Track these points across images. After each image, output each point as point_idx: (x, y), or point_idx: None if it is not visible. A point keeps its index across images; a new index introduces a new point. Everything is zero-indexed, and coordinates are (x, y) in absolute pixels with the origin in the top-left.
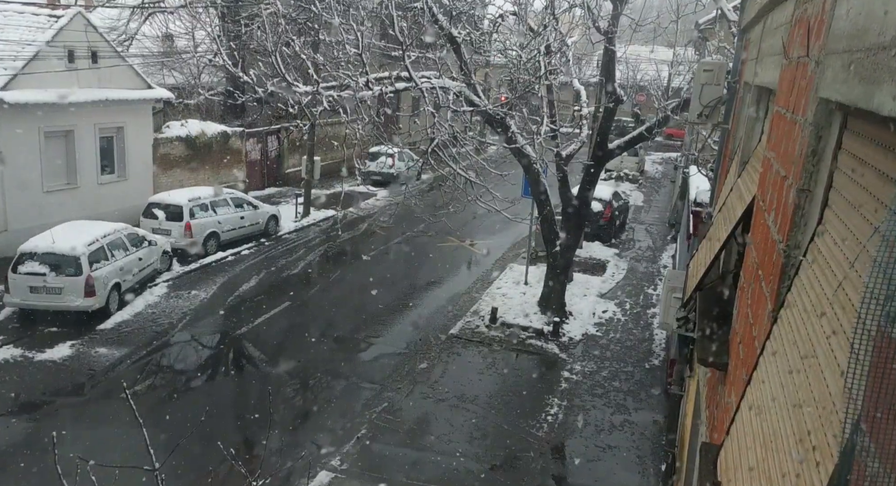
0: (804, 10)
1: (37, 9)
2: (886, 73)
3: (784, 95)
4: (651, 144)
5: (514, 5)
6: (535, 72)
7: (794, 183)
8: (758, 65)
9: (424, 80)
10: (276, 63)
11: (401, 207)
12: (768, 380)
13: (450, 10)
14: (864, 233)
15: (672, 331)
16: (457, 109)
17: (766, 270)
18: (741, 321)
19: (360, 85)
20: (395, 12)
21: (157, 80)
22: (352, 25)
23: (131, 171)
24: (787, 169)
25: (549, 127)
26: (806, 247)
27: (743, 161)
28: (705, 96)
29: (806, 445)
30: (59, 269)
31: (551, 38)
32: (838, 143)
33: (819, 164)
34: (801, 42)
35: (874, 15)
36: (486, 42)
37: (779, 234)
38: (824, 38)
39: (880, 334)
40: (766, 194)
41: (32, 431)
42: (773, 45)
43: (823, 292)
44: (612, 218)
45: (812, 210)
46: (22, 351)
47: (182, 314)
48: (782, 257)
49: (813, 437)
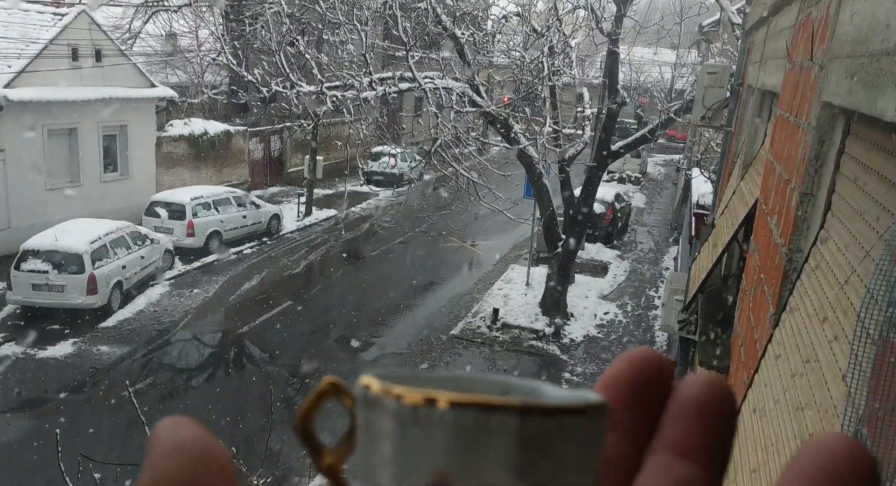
0: (808, 15)
1: (41, 6)
2: (889, 79)
3: (787, 98)
4: (654, 146)
5: (518, 6)
6: (539, 73)
7: (796, 187)
8: (761, 68)
9: (428, 80)
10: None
11: (403, 207)
12: (770, 383)
13: (453, 10)
14: (866, 237)
15: (673, 333)
16: (460, 110)
17: (768, 273)
18: (743, 324)
19: (364, 85)
20: (399, 13)
21: (160, 78)
22: (355, 25)
23: (134, 169)
24: (789, 173)
25: (552, 128)
26: (808, 251)
27: (746, 164)
28: (708, 99)
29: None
30: (62, 266)
31: (555, 39)
32: (841, 147)
33: (822, 168)
34: (804, 46)
35: (878, 21)
36: (489, 43)
37: (781, 237)
38: (828, 42)
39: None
40: (768, 198)
41: (34, 428)
42: (776, 48)
43: (826, 296)
44: (614, 220)
45: (815, 214)
46: (24, 348)
47: (184, 313)
48: (784, 260)
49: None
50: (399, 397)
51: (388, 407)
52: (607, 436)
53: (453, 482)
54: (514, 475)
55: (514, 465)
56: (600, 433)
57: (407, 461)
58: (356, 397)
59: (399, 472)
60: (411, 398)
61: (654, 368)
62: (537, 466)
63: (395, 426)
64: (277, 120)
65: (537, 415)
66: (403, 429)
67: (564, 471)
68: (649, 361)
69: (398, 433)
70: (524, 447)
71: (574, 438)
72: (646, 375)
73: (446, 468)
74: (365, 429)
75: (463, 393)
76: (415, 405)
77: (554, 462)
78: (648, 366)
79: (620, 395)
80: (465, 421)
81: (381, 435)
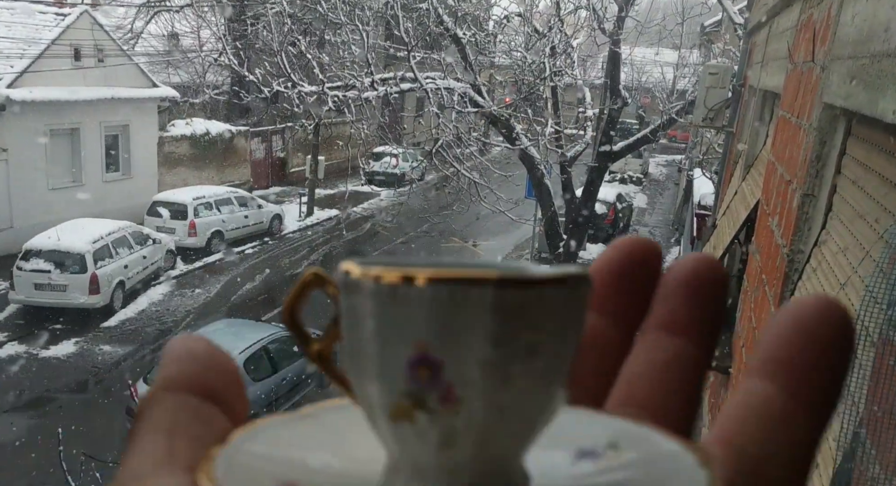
0: (810, 15)
1: (44, 7)
2: (891, 81)
3: (789, 99)
4: (655, 147)
5: (520, 6)
6: (540, 73)
7: (798, 188)
8: (763, 69)
9: (429, 80)
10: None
11: (404, 207)
12: None
13: (455, 11)
14: (867, 238)
15: None
16: (461, 110)
17: (769, 274)
18: (744, 325)
19: (366, 85)
20: (401, 13)
21: (162, 78)
22: (357, 25)
23: (136, 169)
24: (791, 174)
25: (554, 128)
26: (810, 252)
27: (747, 165)
28: (710, 99)
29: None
30: (64, 266)
31: (556, 39)
32: (843, 148)
33: (823, 169)
34: (806, 47)
35: (879, 22)
36: (491, 43)
37: (783, 238)
38: (829, 43)
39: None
40: (770, 199)
41: (36, 427)
42: (778, 49)
43: None
44: (615, 220)
45: (816, 215)
46: (26, 348)
47: (186, 313)
48: (786, 261)
49: None
50: (377, 277)
51: (367, 289)
52: (598, 322)
53: (433, 353)
54: (492, 345)
55: (493, 336)
56: (581, 304)
57: (389, 337)
58: (337, 282)
59: (382, 347)
60: (389, 278)
61: (642, 253)
62: (516, 336)
63: (376, 305)
64: (279, 120)
65: (514, 286)
66: (384, 308)
67: (545, 341)
68: (637, 246)
69: (379, 311)
70: (502, 318)
71: (554, 308)
72: (634, 260)
73: (426, 340)
74: (348, 312)
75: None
76: (393, 283)
77: (534, 332)
78: (636, 251)
79: (609, 280)
80: (442, 296)
81: (363, 316)
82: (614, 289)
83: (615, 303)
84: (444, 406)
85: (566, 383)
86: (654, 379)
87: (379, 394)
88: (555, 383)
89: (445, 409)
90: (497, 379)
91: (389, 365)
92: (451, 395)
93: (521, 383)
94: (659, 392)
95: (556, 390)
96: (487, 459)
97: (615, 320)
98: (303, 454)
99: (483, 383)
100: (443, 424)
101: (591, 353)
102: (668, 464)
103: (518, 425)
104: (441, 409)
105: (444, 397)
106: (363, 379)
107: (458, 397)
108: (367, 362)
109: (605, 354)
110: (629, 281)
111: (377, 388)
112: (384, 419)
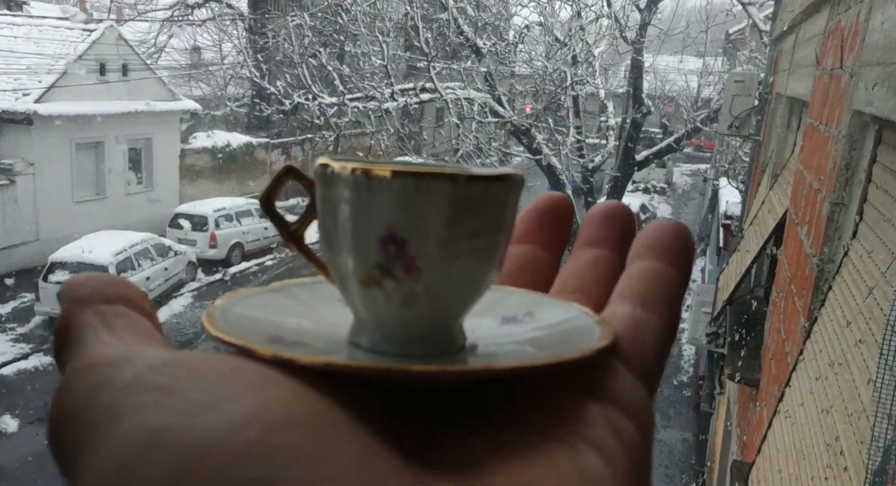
0: (838, 22)
1: (70, 23)
2: None
3: (817, 106)
4: (680, 156)
5: (540, 16)
6: (561, 82)
7: (827, 196)
8: (790, 76)
9: (449, 91)
10: (302, 74)
11: None
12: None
13: (475, 21)
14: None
15: (701, 346)
16: (482, 120)
17: (798, 284)
18: (773, 337)
19: (385, 96)
20: (421, 24)
21: (184, 91)
22: (377, 37)
23: (158, 181)
24: (820, 182)
25: (576, 138)
26: (840, 261)
27: (775, 173)
28: (736, 107)
29: (836, 454)
30: None
31: (577, 48)
32: (873, 156)
33: (853, 177)
34: (834, 53)
35: None
36: (511, 53)
37: (812, 248)
38: (858, 49)
39: None
40: (798, 208)
41: None
42: (805, 56)
43: (857, 307)
44: None
45: (846, 224)
46: (51, 359)
47: None
48: (815, 271)
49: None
50: (354, 169)
51: (345, 179)
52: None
53: (399, 232)
54: (446, 227)
55: (448, 219)
56: (515, 198)
57: (363, 219)
58: (315, 174)
59: (356, 228)
60: (364, 170)
61: (555, 199)
62: (465, 220)
63: (351, 192)
64: (299, 132)
65: (465, 181)
66: (359, 195)
67: (485, 225)
68: (551, 196)
69: (355, 198)
70: (455, 206)
71: (494, 200)
72: (551, 203)
73: (395, 222)
74: (324, 200)
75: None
76: (367, 175)
77: (478, 219)
78: (552, 199)
79: (533, 218)
80: (409, 186)
81: (339, 202)
82: (538, 223)
83: (540, 234)
84: (408, 275)
85: (500, 263)
86: (580, 273)
87: (353, 266)
88: (492, 260)
89: (408, 277)
90: (449, 254)
91: (363, 242)
92: (413, 265)
93: (466, 258)
94: (584, 282)
95: (493, 267)
96: (437, 316)
97: (542, 246)
98: (279, 317)
99: (438, 257)
100: (405, 288)
101: (529, 268)
102: (572, 324)
103: (462, 291)
104: (405, 276)
105: (407, 268)
106: (339, 254)
107: (418, 268)
108: (342, 240)
109: (539, 270)
110: (549, 216)
111: (352, 261)
112: (356, 286)
